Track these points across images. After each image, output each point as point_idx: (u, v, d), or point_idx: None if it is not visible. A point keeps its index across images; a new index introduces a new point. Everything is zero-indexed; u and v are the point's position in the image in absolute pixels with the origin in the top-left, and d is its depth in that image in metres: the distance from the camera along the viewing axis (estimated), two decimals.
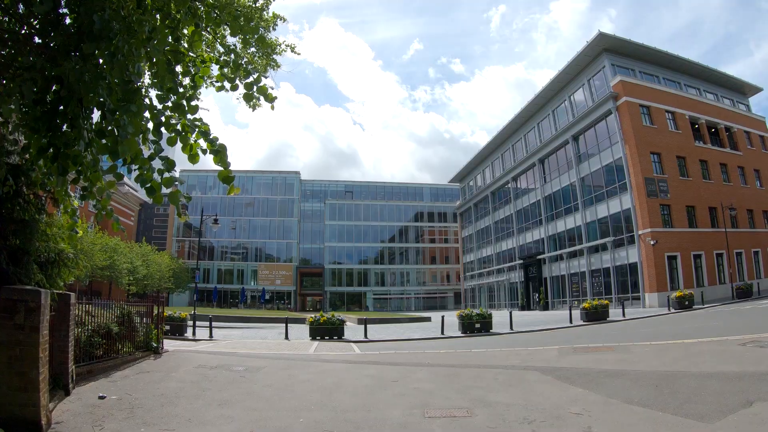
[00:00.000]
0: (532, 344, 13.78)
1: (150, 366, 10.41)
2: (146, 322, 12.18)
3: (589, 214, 41.33)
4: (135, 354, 11.30)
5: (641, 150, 36.35)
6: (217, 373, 9.52)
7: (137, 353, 11.37)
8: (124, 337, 10.88)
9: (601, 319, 22.79)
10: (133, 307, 11.83)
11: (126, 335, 10.92)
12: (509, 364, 9.76)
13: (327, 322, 18.64)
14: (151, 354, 11.80)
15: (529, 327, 21.32)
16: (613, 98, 37.95)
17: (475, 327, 19.28)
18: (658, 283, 34.27)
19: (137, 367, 10.22)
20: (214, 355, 12.41)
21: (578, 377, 8.03)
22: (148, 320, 12.29)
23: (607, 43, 39.34)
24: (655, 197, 35.92)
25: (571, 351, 11.21)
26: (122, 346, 10.92)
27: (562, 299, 44.80)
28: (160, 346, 12.34)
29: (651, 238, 34.66)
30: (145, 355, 11.51)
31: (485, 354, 12.20)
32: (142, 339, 11.91)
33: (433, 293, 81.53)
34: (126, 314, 10.99)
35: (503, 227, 59.04)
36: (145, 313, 12.30)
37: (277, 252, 78.47)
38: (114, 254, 41.99)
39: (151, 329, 12.20)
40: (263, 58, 8.64)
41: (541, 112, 49.67)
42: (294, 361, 11.54)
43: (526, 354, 11.28)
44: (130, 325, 11.28)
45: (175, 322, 19.95)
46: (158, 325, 12.48)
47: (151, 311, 12.47)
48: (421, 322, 32.65)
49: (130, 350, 11.31)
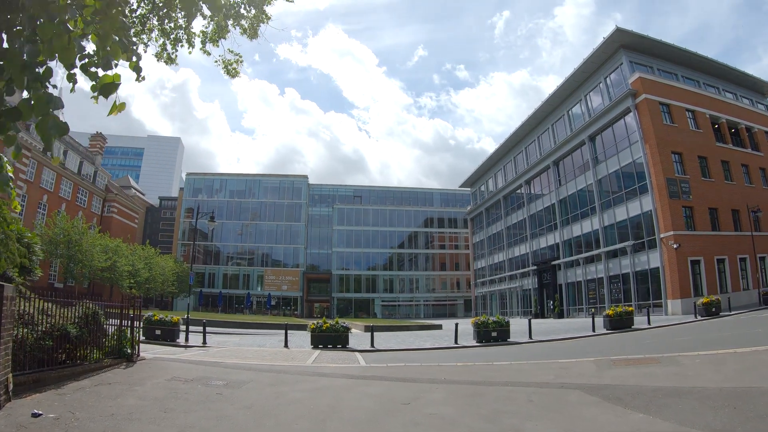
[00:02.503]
0: (559, 355, 12.07)
1: (115, 377, 8.92)
2: (119, 325, 10.74)
3: (607, 218, 39.48)
4: (103, 361, 9.83)
5: (662, 149, 34.56)
6: (190, 389, 7.99)
7: (106, 361, 9.91)
8: (88, 341, 9.41)
9: (626, 327, 21.03)
10: (103, 307, 10.38)
11: (90, 339, 9.45)
12: (542, 381, 8.11)
13: (330, 330, 17.05)
14: (123, 362, 10.33)
15: (549, 336, 19.59)
16: (632, 96, 36.24)
17: (492, 336, 17.60)
18: (682, 289, 32.35)
19: (100, 377, 8.73)
20: (196, 365, 10.89)
21: (631, 397, 6.42)
22: (123, 323, 10.85)
23: (625, 39, 37.67)
24: (678, 198, 34.08)
25: (609, 364, 9.55)
26: (86, 351, 9.46)
27: (578, 307, 42.90)
28: (135, 353, 10.88)
29: (674, 242, 32.80)
30: (115, 364, 10.03)
31: (510, 368, 10.50)
32: (114, 344, 10.45)
33: (442, 300, 79.65)
34: (91, 315, 9.50)
35: (516, 232, 57.17)
36: (119, 315, 10.88)
37: (284, 257, 77.02)
38: (115, 256, 40.78)
39: (124, 334, 10.73)
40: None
41: (555, 113, 48.00)
42: (286, 375, 9.96)
43: (559, 368, 9.61)
44: (97, 327, 9.81)
45: (166, 327, 18.57)
46: (133, 328, 10.97)
47: (125, 313, 10.98)
48: (432, 330, 30.91)
49: (98, 357, 9.85)
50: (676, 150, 35.34)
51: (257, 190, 78.69)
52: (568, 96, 45.26)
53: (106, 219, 51.17)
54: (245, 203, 77.62)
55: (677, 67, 39.97)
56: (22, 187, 36.56)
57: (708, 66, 40.95)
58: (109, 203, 52.50)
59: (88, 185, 48.50)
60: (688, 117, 37.36)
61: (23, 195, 37.61)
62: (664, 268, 33.59)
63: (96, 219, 49.58)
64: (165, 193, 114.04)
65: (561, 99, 46.14)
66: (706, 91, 39.92)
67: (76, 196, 46.20)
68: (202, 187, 77.97)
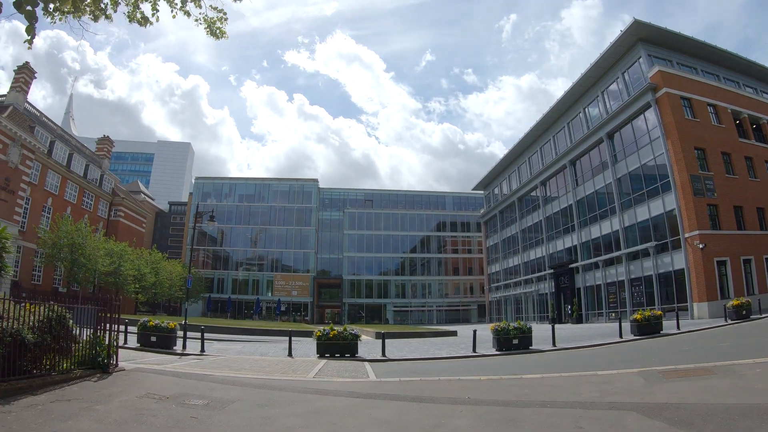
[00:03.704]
0: (594, 366, 10.59)
1: (81, 391, 7.69)
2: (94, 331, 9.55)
3: (628, 218, 37.81)
4: (73, 372, 8.63)
5: (685, 145, 32.97)
6: (161, 410, 6.73)
7: (75, 371, 8.70)
8: (52, 349, 8.22)
9: (654, 332, 19.50)
10: (74, 310, 9.19)
11: (55, 347, 8.25)
12: (586, 400, 6.73)
13: (337, 338, 15.71)
14: (97, 373, 9.11)
15: (573, 342, 18.05)
16: (652, 90, 34.71)
17: (513, 343, 16.17)
18: (708, 291, 30.66)
19: (62, 391, 7.51)
20: (180, 379, 9.60)
21: (703, 421, 5.07)
22: (100, 327, 9.65)
23: (643, 32, 36.21)
24: (702, 196, 32.48)
25: (657, 376, 8.14)
26: (53, 361, 8.28)
27: (598, 311, 41.17)
28: (112, 363, 9.65)
29: (699, 242, 31.14)
30: (86, 375, 8.81)
31: (543, 383, 9.05)
32: (86, 353, 9.23)
33: (455, 306, 77.94)
34: (56, 318, 8.30)
35: (531, 235, 55.49)
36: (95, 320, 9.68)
37: (294, 262, 75.80)
38: (120, 260, 39.85)
39: (100, 340, 9.52)
40: None
41: (570, 111, 46.45)
42: (281, 392, 8.58)
43: (600, 382, 8.21)
44: (65, 333, 8.61)
45: (162, 334, 17.37)
46: (110, 335, 9.73)
47: (101, 317, 9.76)
48: (447, 336, 29.35)
49: (68, 367, 8.65)
50: (699, 146, 33.75)
51: (267, 194, 77.69)
52: (585, 92, 43.74)
53: (112, 223, 50.34)
54: (255, 208, 76.61)
55: (696, 60, 38.53)
56: (25, 189, 35.77)
57: (727, 60, 39.40)
58: (116, 207, 51.69)
59: (95, 189, 47.72)
60: (709, 112, 35.81)
61: (27, 198, 36.82)
62: (689, 270, 31.96)
63: (102, 223, 48.77)
64: (175, 199, 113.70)
65: (577, 96, 44.63)
66: (727, 86, 38.28)
67: (81, 200, 45.41)
68: (211, 191, 77.11)
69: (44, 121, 43.34)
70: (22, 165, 34.62)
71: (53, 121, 47.82)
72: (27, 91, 38.72)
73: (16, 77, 37.96)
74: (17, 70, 38.27)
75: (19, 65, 38.78)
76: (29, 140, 34.92)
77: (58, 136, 44.08)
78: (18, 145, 33.99)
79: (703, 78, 37.30)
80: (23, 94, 38.20)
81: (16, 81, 37.84)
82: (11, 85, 37.88)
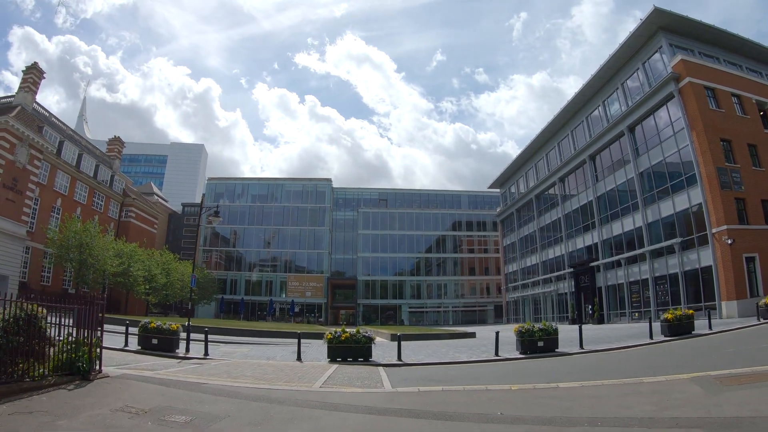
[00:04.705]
0: (635, 371, 9.39)
1: (50, 402, 6.77)
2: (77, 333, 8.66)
3: (651, 214, 36.28)
4: (47, 379, 7.72)
5: (711, 136, 31.47)
6: (132, 428, 5.76)
7: (50, 378, 7.78)
8: (25, 352, 7.33)
9: (686, 332, 18.20)
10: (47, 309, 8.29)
11: (24, 350, 7.36)
12: (642, 416, 5.61)
13: (350, 340, 14.62)
14: (76, 380, 8.19)
15: (601, 344, 16.76)
16: (675, 80, 33.25)
17: (538, 345, 15.02)
18: (737, 289, 29.13)
19: (27, 402, 6.59)
20: (168, 388, 8.62)
21: None
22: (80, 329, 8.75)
23: (664, 20, 34.74)
24: (729, 190, 30.96)
25: (714, 383, 7.01)
26: (24, 366, 7.38)
27: (620, 311, 39.65)
28: (94, 368, 8.72)
29: (727, 237, 29.62)
30: (62, 382, 7.89)
31: (584, 393, 7.81)
32: (64, 357, 8.31)
33: (472, 306, 76.48)
34: (25, 318, 7.40)
35: (550, 233, 53.97)
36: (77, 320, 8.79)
37: (307, 263, 74.97)
38: (129, 260, 39.28)
39: (80, 344, 8.61)
40: None
41: (589, 104, 44.99)
42: (281, 406, 7.45)
43: (651, 392, 7.06)
44: (38, 335, 7.72)
45: (164, 336, 16.40)
46: (92, 337, 8.82)
47: (82, 318, 8.85)
48: (465, 338, 28.00)
49: (41, 373, 7.74)
50: (724, 137, 32.26)
51: (280, 194, 77.01)
52: (603, 85, 42.30)
53: (123, 224, 49.96)
54: (268, 208, 75.92)
55: (718, 50, 36.96)
56: (33, 190, 35.36)
57: (750, 49, 37.74)
58: (127, 208, 51.33)
59: (105, 189, 47.35)
60: (734, 102, 34.32)
61: (35, 198, 36.43)
62: (717, 267, 30.43)
63: (113, 224, 48.41)
64: (189, 200, 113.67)
65: (596, 89, 43.19)
66: (750, 76, 36.65)
67: (92, 200, 45.04)
68: (223, 192, 76.64)
69: (53, 122, 43.04)
70: (30, 165, 34.21)
71: (63, 121, 47.56)
72: (36, 91, 38.35)
73: (24, 77, 37.60)
74: (26, 70, 37.92)
75: (27, 65, 38.44)
76: (37, 140, 34.50)
77: (67, 136, 43.73)
78: (26, 145, 33.57)
79: (726, 68, 35.78)
80: (32, 95, 37.83)
81: (24, 81, 37.48)
82: (20, 85, 37.54)
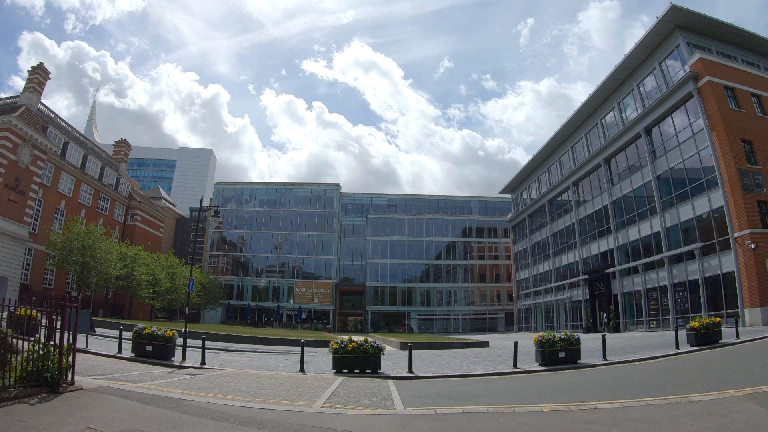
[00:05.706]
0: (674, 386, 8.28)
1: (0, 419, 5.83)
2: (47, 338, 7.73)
3: (670, 218, 34.94)
4: (8, 391, 6.76)
5: (731, 137, 30.31)
6: None
7: (12, 390, 6.82)
8: None
9: (713, 342, 17.05)
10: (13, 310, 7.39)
11: None
12: None
13: (357, 350, 13.68)
14: (43, 392, 7.21)
15: (624, 355, 15.55)
16: (693, 79, 32.17)
17: (559, 356, 13.96)
18: (761, 295, 27.74)
19: None
20: (146, 405, 7.56)
21: None
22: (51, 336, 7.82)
23: (680, 19, 33.79)
24: (751, 192, 29.80)
25: None
26: None
27: (637, 319, 38.19)
28: (65, 379, 7.76)
29: (750, 241, 28.31)
30: (26, 395, 6.91)
31: (629, 416, 6.58)
32: (29, 367, 7.37)
33: (482, 314, 75.02)
34: None
35: (563, 240, 52.63)
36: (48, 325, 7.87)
37: (315, 269, 74.06)
38: (133, 264, 38.60)
39: (49, 351, 7.67)
40: None
41: (604, 107, 43.84)
42: None
43: (704, 412, 6.00)
44: None
45: (159, 343, 15.55)
46: (62, 344, 7.86)
47: (53, 322, 7.93)
48: (478, 347, 26.76)
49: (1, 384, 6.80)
50: (745, 138, 31.19)
51: (288, 199, 76.33)
52: (618, 87, 41.25)
53: (129, 227, 49.48)
54: (276, 213, 75.23)
55: (735, 49, 36.07)
56: (37, 191, 34.84)
57: (767, 49, 36.58)
58: (133, 211, 50.84)
59: (110, 192, 46.89)
60: (754, 102, 33.26)
61: (39, 199, 35.92)
62: (740, 273, 29.11)
63: (118, 227, 47.95)
64: (197, 205, 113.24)
65: (610, 91, 42.13)
66: None
67: (96, 203, 44.58)
68: (231, 196, 76.13)
69: (59, 123, 42.69)
70: (33, 166, 33.72)
71: (69, 123, 47.22)
72: (41, 92, 38.02)
73: (29, 78, 37.31)
74: (31, 70, 37.63)
75: (33, 66, 38.12)
76: (41, 140, 34.02)
77: (72, 137, 43.36)
78: (29, 146, 33.10)
79: (744, 67, 34.72)
80: (37, 95, 37.49)
81: (29, 82, 37.18)
82: (25, 85, 37.27)
